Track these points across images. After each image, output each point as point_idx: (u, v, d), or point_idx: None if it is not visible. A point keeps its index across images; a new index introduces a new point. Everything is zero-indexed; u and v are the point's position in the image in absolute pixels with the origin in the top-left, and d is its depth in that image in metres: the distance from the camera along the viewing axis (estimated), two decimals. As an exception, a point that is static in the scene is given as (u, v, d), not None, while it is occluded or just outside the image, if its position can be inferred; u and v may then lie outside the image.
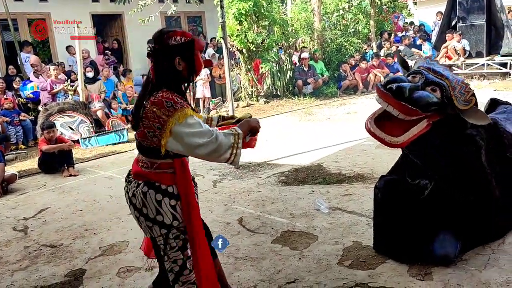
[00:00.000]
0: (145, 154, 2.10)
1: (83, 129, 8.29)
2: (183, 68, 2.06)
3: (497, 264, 2.84)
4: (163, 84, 2.03)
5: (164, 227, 2.06)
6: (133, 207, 2.11)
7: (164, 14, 10.98)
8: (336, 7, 13.83)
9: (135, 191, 2.08)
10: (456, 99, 2.58)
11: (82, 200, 5.02)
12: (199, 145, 1.96)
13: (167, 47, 2.03)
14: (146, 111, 1.98)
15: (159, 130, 1.95)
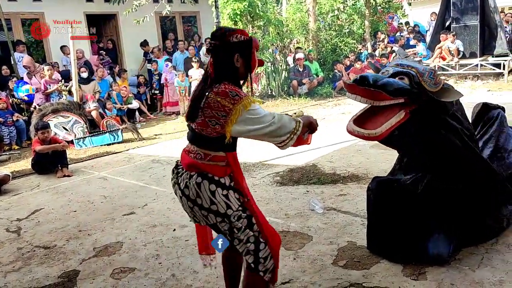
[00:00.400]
0: (200, 145, 2.17)
1: (77, 130, 8.26)
2: (240, 65, 2.17)
3: (490, 264, 2.85)
4: (222, 78, 2.13)
5: (219, 215, 2.13)
6: (185, 198, 2.16)
7: (158, 14, 10.99)
8: (331, 8, 13.85)
9: (187, 182, 2.14)
10: (425, 83, 2.62)
11: (76, 200, 4.99)
12: (263, 127, 2.08)
13: (227, 44, 2.14)
14: (209, 101, 2.07)
15: (224, 117, 2.05)
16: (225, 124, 2.06)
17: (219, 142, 2.12)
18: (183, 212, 4.23)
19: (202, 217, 2.18)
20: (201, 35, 13.79)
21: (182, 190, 2.17)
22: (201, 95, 2.14)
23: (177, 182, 2.22)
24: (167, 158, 6.62)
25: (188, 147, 2.25)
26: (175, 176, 2.26)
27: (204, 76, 2.25)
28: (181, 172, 2.22)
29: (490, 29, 12.17)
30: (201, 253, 2.49)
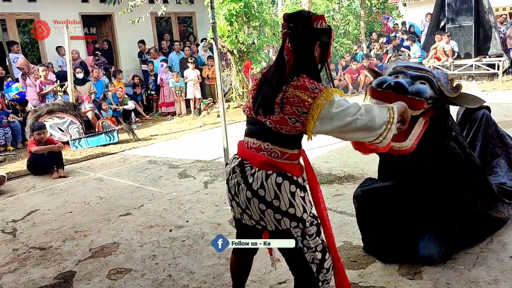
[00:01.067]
0: (276, 142, 1.97)
1: (73, 130, 8.24)
2: (318, 55, 2.00)
3: (485, 263, 2.87)
4: (301, 68, 1.95)
5: (295, 219, 1.97)
6: (258, 199, 1.96)
7: (154, 15, 10.95)
8: (327, 8, 13.90)
9: (264, 183, 1.94)
10: (444, 88, 2.59)
11: (72, 201, 4.98)
12: (351, 121, 1.87)
13: (312, 30, 1.96)
14: (288, 96, 1.89)
15: (305, 115, 1.87)
16: (306, 122, 1.87)
17: (296, 139, 2.00)
18: (179, 213, 4.28)
19: (274, 221, 1.98)
20: (197, 36, 13.79)
21: (255, 191, 1.95)
22: (278, 88, 1.93)
23: (244, 181, 1.99)
24: (163, 159, 6.61)
25: (256, 144, 2.01)
26: (239, 175, 2.03)
27: (278, 64, 2.00)
28: (251, 170, 1.99)
29: (485, 30, 12.23)
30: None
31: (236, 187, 2.05)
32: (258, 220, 2.05)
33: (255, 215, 2.03)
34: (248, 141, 2.08)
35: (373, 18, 15.00)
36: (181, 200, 4.68)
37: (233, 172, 2.07)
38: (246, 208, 2.04)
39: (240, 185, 2.02)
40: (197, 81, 10.84)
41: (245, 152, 2.06)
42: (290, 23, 1.98)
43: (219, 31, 9.48)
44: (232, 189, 2.08)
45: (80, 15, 11.52)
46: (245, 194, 2.00)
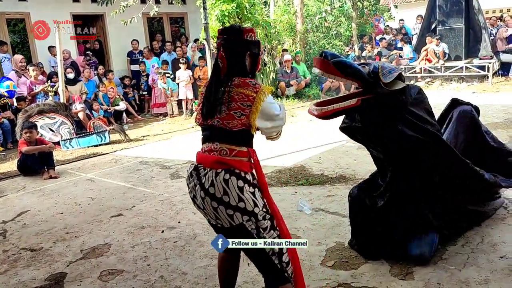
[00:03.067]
0: (224, 140, 2.15)
1: (64, 131, 8.17)
2: (248, 63, 2.23)
3: (476, 263, 2.90)
4: (235, 73, 2.18)
5: (246, 213, 2.08)
6: (210, 197, 2.09)
7: (146, 15, 10.93)
8: (319, 10, 13.94)
9: (213, 180, 2.08)
10: (382, 75, 2.72)
11: (63, 202, 4.94)
12: (278, 117, 2.21)
13: (242, 41, 2.20)
14: (232, 94, 2.11)
15: (249, 107, 2.10)
16: (250, 114, 2.10)
17: (243, 136, 2.15)
18: (171, 214, 4.26)
19: (227, 217, 2.09)
20: (189, 36, 13.76)
21: (207, 190, 2.09)
22: (217, 90, 2.15)
23: (199, 182, 2.14)
24: (155, 160, 6.59)
25: (208, 147, 2.20)
26: (195, 178, 2.17)
27: (215, 70, 2.25)
28: (203, 172, 2.14)
29: (475, 32, 12.35)
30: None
31: (194, 189, 2.18)
32: (215, 219, 2.17)
33: (211, 214, 2.16)
34: (202, 147, 2.26)
35: (364, 20, 15.06)
36: (173, 201, 4.66)
37: (190, 176, 2.23)
38: (203, 208, 2.17)
39: (196, 186, 2.16)
40: (189, 81, 10.81)
41: (200, 157, 2.24)
42: (224, 35, 2.23)
43: (211, 31, 9.47)
44: (191, 193, 2.23)
45: (71, 15, 11.44)
46: (199, 194, 2.14)
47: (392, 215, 3.00)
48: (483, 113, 3.66)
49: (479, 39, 12.26)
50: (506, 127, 6.56)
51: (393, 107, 2.80)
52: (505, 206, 3.68)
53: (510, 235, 3.22)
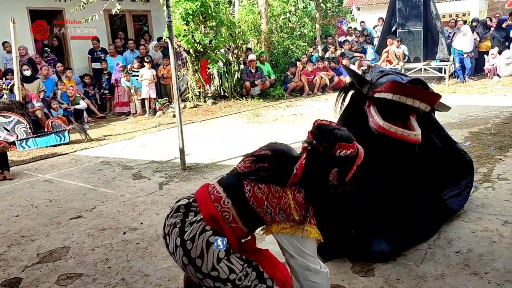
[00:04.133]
0: (237, 208, 1.89)
1: (20, 130, 7.86)
2: (333, 178, 1.92)
3: (433, 259, 2.99)
4: (306, 185, 1.85)
5: (218, 281, 1.87)
6: (183, 251, 1.88)
7: (108, 12, 10.65)
8: (283, 10, 14.03)
9: (196, 236, 1.86)
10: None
11: (18, 205, 4.75)
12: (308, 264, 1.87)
13: (332, 157, 1.85)
14: (283, 196, 1.82)
15: (282, 221, 1.82)
16: (276, 224, 1.84)
17: (255, 223, 1.92)
18: (133, 215, 4.19)
19: (196, 278, 1.90)
20: (152, 35, 13.54)
21: (184, 241, 1.87)
22: (275, 183, 1.85)
23: (180, 226, 1.91)
24: (117, 160, 6.45)
25: (219, 194, 1.94)
26: (180, 217, 1.94)
27: (285, 168, 1.88)
28: (192, 217, 1.91)
29: (433, 35, 12.78)
30: None
31: (171, 228, 1.97)
32: (183, 268, 1.98)
33: (179, 263, 1.97)
34: (214, 187, 2.02)
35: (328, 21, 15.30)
36: (136, 202, 4.57)
37: (177, 211, 2.01)
38: (173, 253, 1.98)
39: (175, 228, 1.94)
40: (152, 80, 10.65)
41: (202, 195, 1.99)
42: (316, 140, 1.88)
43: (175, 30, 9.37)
44: (167, 228, 2.01)
45: (28, 10, 11.03)
46: (174, 239, 1.93)
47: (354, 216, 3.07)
48: (440, 113, 3.78)
49: (436, 42, 12.70)
50: (461, 126, 6.82)
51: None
52: (461, 203, 3.83)
53: (465, 231, 3.34)
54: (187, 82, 11.49)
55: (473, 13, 18.61)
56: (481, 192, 4.10)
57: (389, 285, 2.72)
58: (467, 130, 6.58)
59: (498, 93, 10.13)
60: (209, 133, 8.00)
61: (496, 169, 4.71)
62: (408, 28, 12.82)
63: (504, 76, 12.05)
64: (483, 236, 3.26)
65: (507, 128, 6.50)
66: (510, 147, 5.49)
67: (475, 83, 11.79)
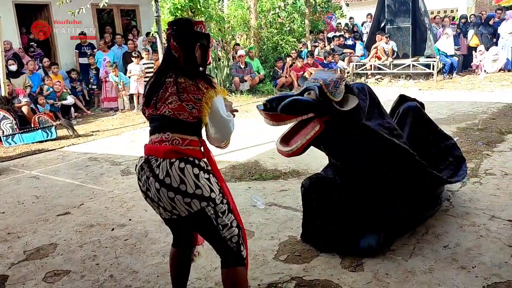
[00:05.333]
0: (176, 130, 2.12)
1: (6, 126, 7.74)
2: (198, 56, 2.21)
3: (421, 253, 3.02)
4: (188, 64, 2.19)
5: (203, 199, 2.09)
6: (166, 188, 2.06)
7: (95, 7, 10.52)
8: (272, 6, 14.00)
9: (168, 170, 2.05)
10: (330, 94, 2.73)
11: (4, 201, 4.68)
12: (228, 120, 2.24)
13: (193, 33, 2.20)
14: (184, 86, 2.11)
15: (199, 101, 2.09)
16: (201, 108, 2.10)
17: (195, 127, 2.15)
18: (122, 211, 4.15)
19: (184, 206, 2.07)
20: (140, 29, 13.41)
21: (162, 180, 2.06)
22: (163, 81, 2.16)
23: (152, 174, 2.09)
24: (104, 156, 6.39)
25: (158, 138, 2.15)
26: (147, 171, 2.12)
27: (167, 61, 2.24)
28: (156, 163, 2.10)
29: (421, 32, 12.85)
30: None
31: (146, 182, 2.14)
32: (171, 209, 2.12)
33: (167, 206, 2.11)
34: (151, 139, 2.20)
35: (317, 17, 15.29)
36: (124, 198, 4.54)
37: (141, 169, 2.17)
38: (159, 200, 2.12)
39: (149, 179, 2.11)
40: (140, 76, 10.56)
41: (150, 149, 2.18)
42: (174, 26, 2.23)
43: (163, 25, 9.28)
44: (143, 186, 2.17)
45: (13, 4, 10.85)
46: (154, 186, 2.10)
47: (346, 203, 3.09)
48: (428, 109, 3.81)
49: (424, 39, 12.78)
50: (449, 122, 6.88)
51: (350, 122, 2.84)
52: (448, 198, 3.86)
53: (453, 226, 3.38)
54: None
55: (461, 9, 18.75)
56: (469, 187, 4.14)
57: (378, 280, 2.74)
58: (455, 125, 6.64)
59: (486, 89, 10.24)
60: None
61: (484, 164, 4.76)
62: (397, 24, 12.88)
63: (491, 72, 12.18)
64: (471, 230, 3.29)
65: (494, 124, 6.57)
66: (497, 143, 5.55)
67: (462, 79, 11.89)
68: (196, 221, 2.15)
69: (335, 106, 2.71)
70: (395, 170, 3.09)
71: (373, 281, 2.73)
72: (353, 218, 3.09)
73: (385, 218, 3.10)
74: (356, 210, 3.09)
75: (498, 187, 4.10)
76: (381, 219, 3.09)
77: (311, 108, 2.70)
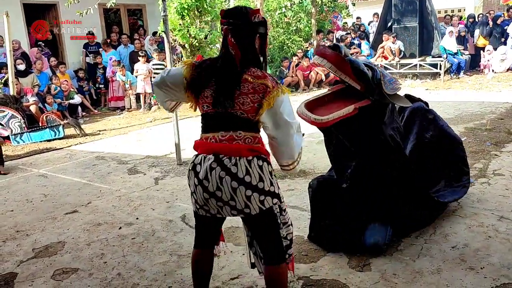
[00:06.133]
0: (247, 129, 2.09)
1: (14, 125, 7.80)
2: (258, 46, 2.13)
3: (429, 254, 3.00)
4: (249, 60, 2.08)
5: (275, 196, 2.12)
6: (245, 186, 2.02)
7: (102, 6, 10.57)
8: (279, 5, 13.97)
9: (248, 168, 2.03)
10: (384, 84, 2.74)
11: (13, 199, 4.72)
12: (288, 126, 2.09)
13: (251, 24, 2.08)
14: (254, 86, 2.04)
15: (262, 98, 2.03)
16: (263, 105, 2.04)
17: (258, 124, 2.13)
18: (129, 210, 4.17)
19: (258, 204, 2.06)
20: (147, 29, 13.46)
21: (242, 179, 2.01)
22: (237, 80, 2.05)
23: (228, 173, 2.02)
24: (111, 155, 6.42)
25: (226, 135, 2.07)
26: (219, 169, 2.03)
27: (228, 58, 2.09)
28: (230, 161, 2.02)
29: (428, 31, 12.79)
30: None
31: (218, 182, 2.04)
32: (242, 208, 2.08)
33: (240, 204, 2.06)
34: (214, 136, 2.10)
35: (323, 17, 15.25)
36: (131, 197, 4.56)
37: (211, 169, 2.05)
38: (230, 199, 2.06)
39: (223, 178, 2.03)
40: (147, 75, 10.59)
41: (216, 147, 2.08)
42: (230, 19, 2.09)
43: (170, 24, 9.29)
44: (211, 187, 2.06)
45: (21, 4, 10.92)
46: (229, 185, 2.03)
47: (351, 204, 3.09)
48: (435, 109, 3.79)
49: (431, 38, 12.71)
50: (456, 122, 6.84)
51: (381, 117, 2.84)
52: (456, 198, 3.84)
53: (461, 226, 3.36)
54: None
55: (469, 9, 18.63)
56: (477, 187, 4.12)
57: (386, 280, 2.73)
58: (462, 125, 6.60)
59: (493, 89, 10.17)
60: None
61: (492, 164, 4.74)
62: (404, 24, 12.82)
63: (499, 72, 12.09)
64: (479, 231, 3.27)
65: (502, 124, 6.52)
66: (506, 143, 5.51)
67: (470, 79, 11.82)
68: (262, 218, 2.12)
69: (384, 92, 2.71)
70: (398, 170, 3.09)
71: (381, 281, 2.72)
72: (357, 218, 3.08)
73: (390, 217, 3.09)
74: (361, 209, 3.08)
75: (506, 188, 4.07)
76: (386, 218, 3.08)
77: (366, 81, 2.68)
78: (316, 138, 6.21)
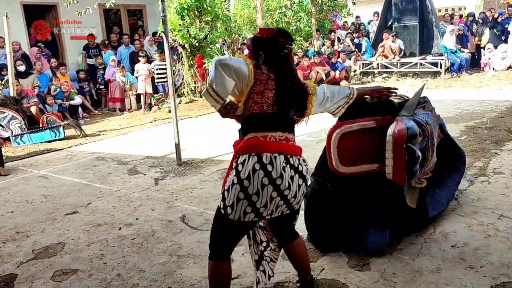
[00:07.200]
0: (293, 131, 2.32)
1: (15, 126, 7.81)
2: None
3: (428, 253, 3.00)
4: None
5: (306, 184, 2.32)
6: (305, 184, 2.25)
7: (102, 7, 10.57)
8: (279, 5, 13.99)
9: (305, 167, 2.24)
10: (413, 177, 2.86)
11: (13, 200, 4.73)
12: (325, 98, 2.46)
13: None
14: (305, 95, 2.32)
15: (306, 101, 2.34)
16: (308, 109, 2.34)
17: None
18: (129, 210, 4.17)
19: (302, 197, 2.30)
20: (147, 29, 13.46)
21: (305, 177, 2.23)
22: (303, 90, 2.32)
23: (296, 171, 2.19)
24: (112, 155, 6.42)
25: (283, 136, 2.23)
26: (289, 168, 2.16)
27: (289, 72, 2.32)
28: (294, 161, 2.20)
29: (428, 30, 12.78)
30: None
31: (290, 180, 2.15)
32: (297, 203, 2.27)
33: (296, 201, 2.24)
34: (272, 135, 2.20)
35: (323, 16, 15.26)
36: (131, 198, 4.56)
37: (283, 168, 2.14)
38: (293, 196, 2.20)
39: (293, 176, 2.17)
40: (148, 75, 10.60)
41: (280, 146, 2.19)
42: (289, 40, 2.35)
43: (170, 24, 9.31)
44: (283, 185, 2.13)
45: (21, 5, 10.93)
46: (297, 183, 2.19)
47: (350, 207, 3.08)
48: (436, 108, 3.77)
49: (432, 37, 12.69)
50: (457, 120, 6.83)
51: None
52: (456, 197, 3.83)
53: (461, 225, 3.35)
54: (183, 77, 11.44)
55: (469, 7, 18.59)
56: (477, 186, 4.11)
57: (385, 279, 2.73)
58: (463, 124, 6.59)
59: (494, 87, 10.16)
60: (204, 128, 7.98)
61: (492, 163, 4.73)
62: (404, 23, 12.81)
63: (499, 70, 12.07)
64: (479, 230, 3.27)
65: (502, 122, 6.51)
66: (506, 141, 5.51)
67: (470, 77, 11.80)
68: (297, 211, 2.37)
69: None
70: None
71: (380, 281, 2.72)
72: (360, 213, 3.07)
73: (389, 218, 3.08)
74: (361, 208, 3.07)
75: (506, 186, 4.06)
76: (386, 218, 3.07)
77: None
78: (316, 138, 6.22)
